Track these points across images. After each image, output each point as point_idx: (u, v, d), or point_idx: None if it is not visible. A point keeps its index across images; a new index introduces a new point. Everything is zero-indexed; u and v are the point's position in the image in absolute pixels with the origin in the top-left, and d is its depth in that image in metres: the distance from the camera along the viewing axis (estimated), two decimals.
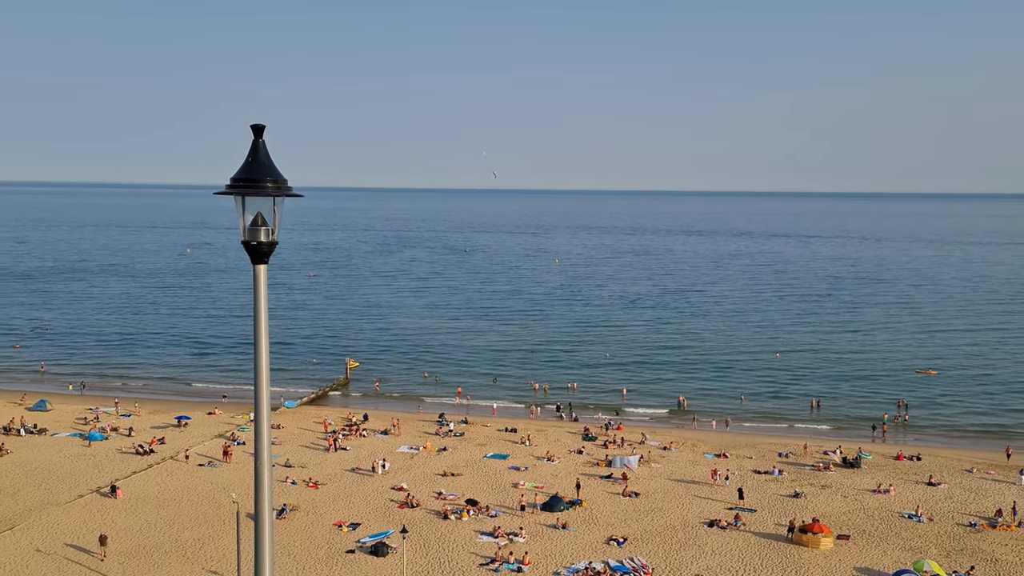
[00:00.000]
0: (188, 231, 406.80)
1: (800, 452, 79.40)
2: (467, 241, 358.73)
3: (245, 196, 10.97)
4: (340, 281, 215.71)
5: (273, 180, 10.99)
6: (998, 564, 55.71)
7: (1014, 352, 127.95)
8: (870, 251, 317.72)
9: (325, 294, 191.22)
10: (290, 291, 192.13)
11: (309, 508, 64.93)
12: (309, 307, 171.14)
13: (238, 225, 11.12)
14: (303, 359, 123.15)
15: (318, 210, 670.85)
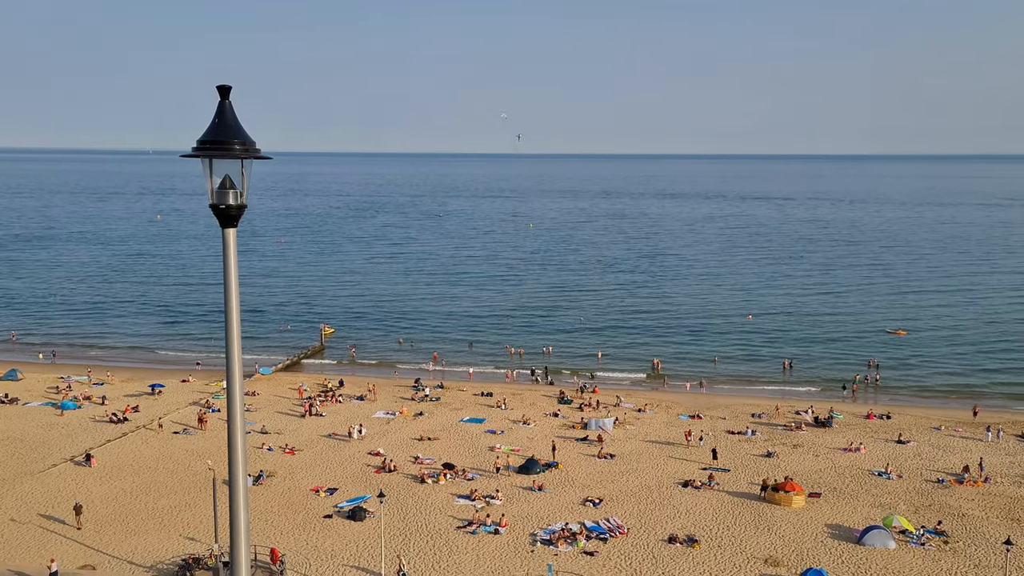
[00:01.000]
0: (158, 197, 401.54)
1: (773, 413, 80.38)
2: (441, 206, 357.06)
3: (212, 159, 10.76)
4: (313, 247, 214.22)
5: (241, 142, 10.76)
6: (965, 519, 56.94)
7: (983, 312, 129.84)
8: (843, 213, 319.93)
9: (298, 260, 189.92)
10: (262, 258, 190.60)
11: (286, 474, 64.96)
12: (282, 274, 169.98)
13: (206, 188, 10.91)
14: (277, 326, 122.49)
15: (289, 175, 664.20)
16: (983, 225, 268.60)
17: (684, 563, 50.78)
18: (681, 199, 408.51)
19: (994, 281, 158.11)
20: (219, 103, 10.79)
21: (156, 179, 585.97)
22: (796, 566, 50.18)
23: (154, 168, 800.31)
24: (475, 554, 52.00)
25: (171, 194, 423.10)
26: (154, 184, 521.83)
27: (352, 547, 52.91)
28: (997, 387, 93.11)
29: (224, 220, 10.92)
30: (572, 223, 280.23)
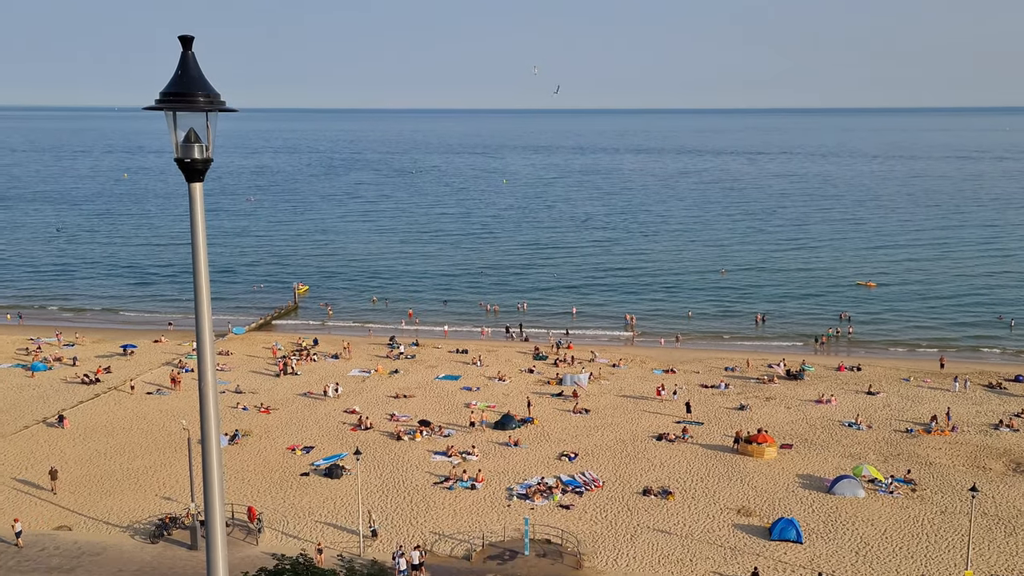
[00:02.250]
0: (125, 155, 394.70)
1: (745, 366, 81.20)
2: (414, 163, 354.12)
3: (176, 111, 10.49)
4: (284, 205, 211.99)
5: (205, 94, 10.46)
6: (932, 467, 58.12)
7: (952, 265, 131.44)
8: (816, 167, 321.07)
9: (269, 219, 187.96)
10: (232, 217, 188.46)
11: (261, 433, 64.89)
12: (253, 233, 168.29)
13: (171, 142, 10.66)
14: (249, 285, 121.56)
15: (259, 132, 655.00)
16: (954, 178, 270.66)
17: (659, 515, 51.52)
18: (654, 154, 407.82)
19: (964, 234, 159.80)
20: (182, 54, 10.46)
21: (123, 136, 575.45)
22: (768, 516, 51.08)
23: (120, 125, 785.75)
24: (452, 509, 52.41)
25: (138, 152, 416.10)
26: (120, 142, 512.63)
27: (329, 504, 53.13)
28: (966, 339, 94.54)
29: (190, 174, 10.74)
30: (546, 179, 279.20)
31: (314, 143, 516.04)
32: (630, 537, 48.95)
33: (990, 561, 45.76)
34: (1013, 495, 53.68)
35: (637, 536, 49.03)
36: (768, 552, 47.09)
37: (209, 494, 10.99)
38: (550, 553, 47.49)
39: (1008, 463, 58.77)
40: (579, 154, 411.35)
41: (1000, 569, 44.75)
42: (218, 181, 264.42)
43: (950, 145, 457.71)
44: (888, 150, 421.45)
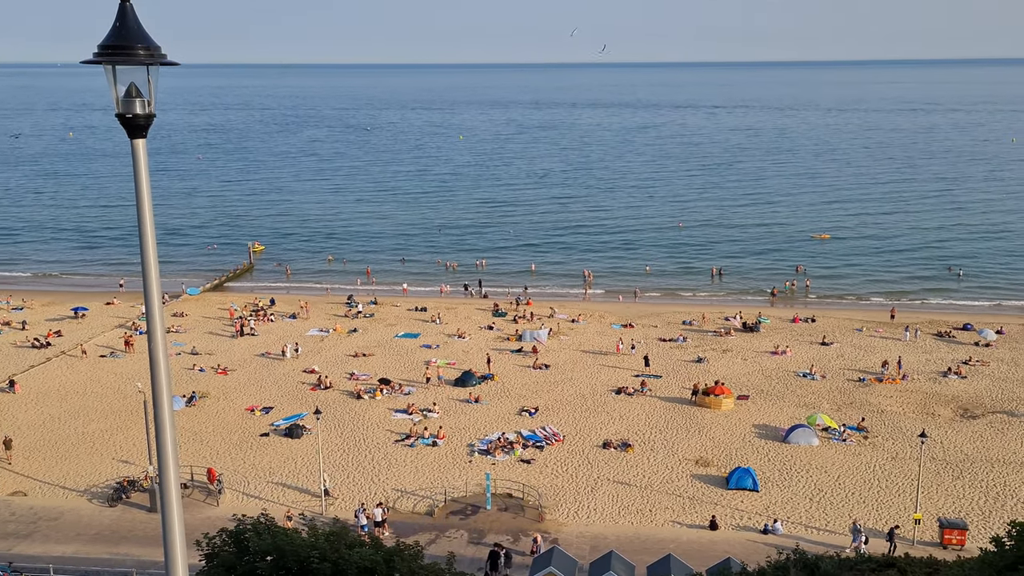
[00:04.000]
0: (70, 113, 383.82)
1: (702, 320, 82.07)
2: (369, 119, 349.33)
3: (116, 65, 10.05)
4: (236, 164, 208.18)
5: (145, 47, 10.03)
6: (884, 414, 59.54)
7: (905, 217, 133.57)
8: (771, 121, 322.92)
9: (221, 178, 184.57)
10: (183, 176, 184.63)
11: (219, 395, 64.29)
12: (205, 192, 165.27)
13: (111, 97, 10.25)
14: (202, 245, 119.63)
15: (209, 88, 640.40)
16: (907, 131, 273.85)
17: (618, 467, 52.20)
18: (612, 109, 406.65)
19: (917, 187, 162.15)
20: (119, 6, 10.00)
21: (67, 94, 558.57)
22: (725, 465, 52.02)
23: (65, 82, 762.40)
24: (414, 467, 52.59)
25: (84, 110, 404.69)
26: (65, 99, 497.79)
27: (290, 464, 52.99)
28: (917, 290, 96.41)
29: (132, 130, 10.38)
30: (503, 135, 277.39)
31: (266, 100, 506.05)
32: (590, 489, 49.58)
33: (938, 504, 47.16)
34: (960, 440, 55.25)
35: (597, 488, 49.67)
36: (725, 501, 48.03)
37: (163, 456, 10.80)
38: (512, 507, 47.96)
39: (956, 409, 60.40)
40: (536, 109, 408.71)
41: (947, 511, 46.16)
42: (167, 139, 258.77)
43: (902, 98, 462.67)
44: (843, 103, 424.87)
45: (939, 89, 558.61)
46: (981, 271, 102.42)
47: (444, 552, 33.95)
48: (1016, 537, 13.49)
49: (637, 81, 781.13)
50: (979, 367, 68.24)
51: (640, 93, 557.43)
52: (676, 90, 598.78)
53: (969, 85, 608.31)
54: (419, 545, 29.18)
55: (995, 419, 58.51)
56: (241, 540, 26.44)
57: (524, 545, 43.95)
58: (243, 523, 27.12)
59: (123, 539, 44.70)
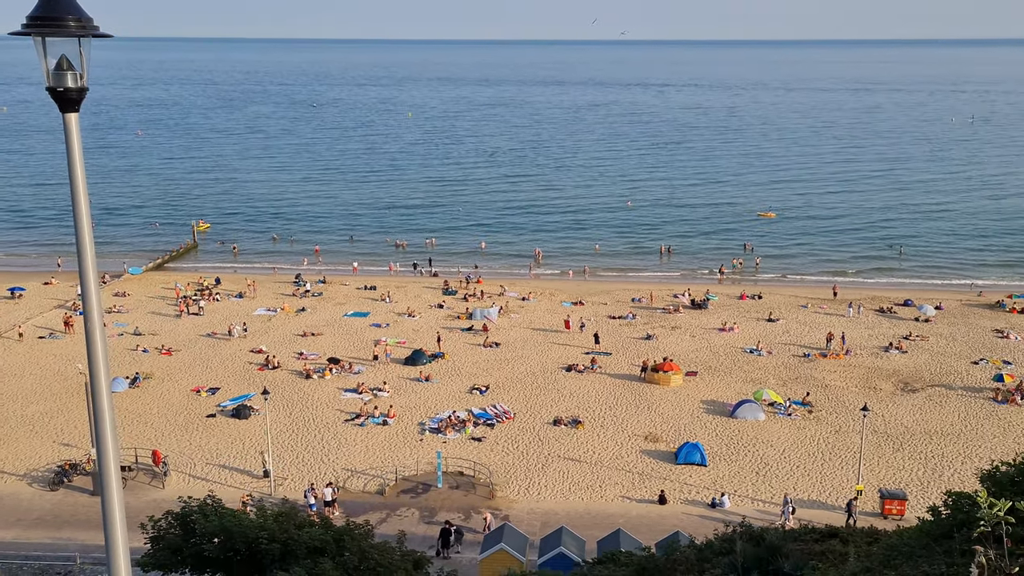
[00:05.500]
0: (3, 88, 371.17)
1: (651, 297, 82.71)
2: (316, 95, 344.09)
3: (45, 36, 9.64)
4: (179, 140, 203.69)
5: (76, 18, 9.62)
6: (828, 389, 60.78)
7: (849, 196, 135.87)
8: (720, 99, 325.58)
9: (163, 154, 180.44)
10: (124, 154, 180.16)
11: (164, 376, 63.11)
12: (146, 169, 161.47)
13: (41, 70, 9.85)
14: (145, 224, 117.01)
15: (149, 62, 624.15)
16: (852, 110, 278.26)
17: (569, 443, 52.53)
18: (563, 86, 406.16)
19: (862, 166, 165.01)
20: None
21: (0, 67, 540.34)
22: (674, 441, 52.67)
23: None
24: (364, 446, 52.31)
25: (18, 84, 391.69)
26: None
27: (238, 445, 52.33)
28: (860, 267, 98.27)
29: (64, 104, 9.98)
30: (453, 112, 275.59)
31: (209, 74, 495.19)
32: (541, 466, 49.84)
33: (879, 475, 48.36)
34: (900, 413, 56.66)
35: (548, 465, 49.94)
36: (674, 476, 48.66)
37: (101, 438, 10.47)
38: (463, 485, 48.00)
39: (896, 383, 61.89)
40: (486, 86, 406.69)
41: (888, 482, 47.35)
42: (105, 115, 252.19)
43: (847, 77, 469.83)
44: (790, 82, 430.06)
45: (882, 69, 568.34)
46: (923, 249, 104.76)
47: (395, 531, 33.81)
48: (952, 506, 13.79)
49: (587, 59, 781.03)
50: (919, 342, 69.94)
51: (589, 71, 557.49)
52: (625, 68, 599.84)
53: (911, 65, 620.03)
54: (369, 524, 29.04)
55: (934, 392, 60.09)
56: (187, 522, 26.09)
57: (475, 522, 44.07)
58: (189, 505, 26.75)
59: (65, 523, 43.78)
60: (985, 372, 63.32)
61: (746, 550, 20.07)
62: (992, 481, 14.47)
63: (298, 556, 24.20)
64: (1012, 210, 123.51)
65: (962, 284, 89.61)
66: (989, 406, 57.52)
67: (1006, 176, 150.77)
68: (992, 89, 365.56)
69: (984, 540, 5.30)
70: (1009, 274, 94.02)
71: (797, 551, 19.83)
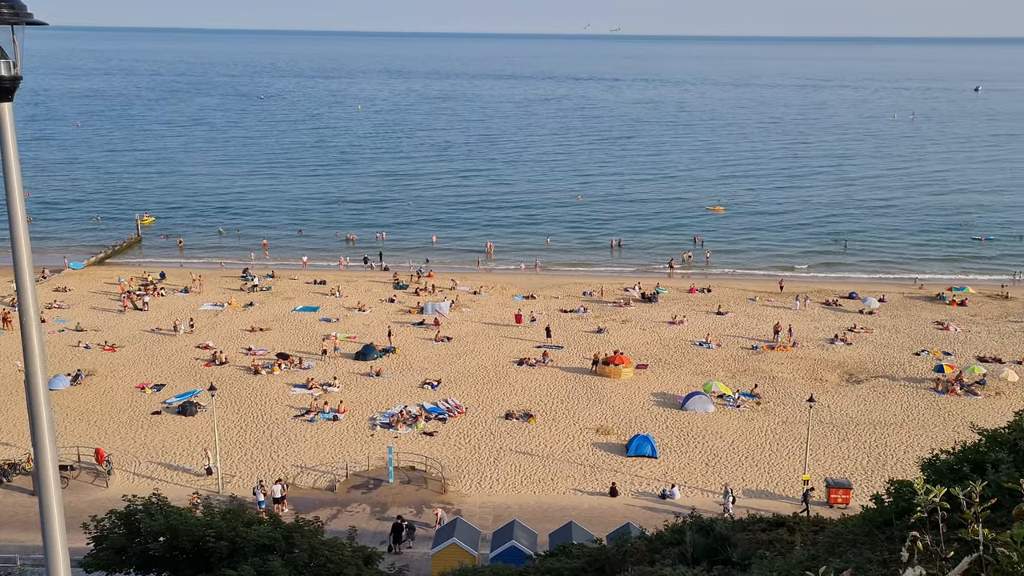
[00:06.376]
0: None
1: (602, 291, 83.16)
2: (264, 87, 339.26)
3: None
4: (122, 132, 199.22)
5: (9, 5, 9.27)
6: (775, 380, 61.75)
7: (797, 191, 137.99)
8: (670, 94, 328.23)
9: (104, 147, 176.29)
10: (63, 146, 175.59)
11: (107, 372, 61.76)
12: (87, 162, 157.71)
13: None
14: (86, 217, 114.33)
15: (90, 52, 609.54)
16: (799, 106, 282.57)
17: (521, 437, 52.61)
18: (514, 80, 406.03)
19: (809, 161, 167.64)
20: None
21: None
22: (625, 433, 53.05)
23: None
24: (314, 441, 51.79)
25: None
26: None
27: (184, 442, 51.45)
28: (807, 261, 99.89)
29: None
30: (404, 105, 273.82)
31: (152, 65, 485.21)
32: (493, 460, 49.84)
33: (825, 465, 49.29)
34: (845, 403, 57.81)
35: (500, 459, 49.96)
36: (625, 468, 49.03)
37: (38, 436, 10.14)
38: (414, 479, 47.81)
39: (841, 374, 63.12)
40: (436, 79, 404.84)
41: (833, 471, 48.28)
42: (42, 106, 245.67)
43: (794, 73, 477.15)
44: (739, 78, 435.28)
45: (828, 65, 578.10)
46: (868, 244, 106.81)
47: (346, 527, 33.54)
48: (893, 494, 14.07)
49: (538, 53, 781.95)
50: (863, 334, 71.38)
51: (542, 65, 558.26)
52: (576, 62, 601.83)
53: (856, 62, 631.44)
54: (319, 521, 28.76)
55: (877, 383, 61.41)
56: (132, 521, 25.56)
57: (427, 517, 43.92)
58: (134, 504, 26.20)
59: (5, 524, 42.64)
60: (926, 363, 64.90)
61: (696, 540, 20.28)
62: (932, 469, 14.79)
63: (246, 554, 23.85)
64: (953, 205, 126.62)
65: (907, 279, 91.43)
66: (930, 396, 58.97)
67: (947, 172, 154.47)
68: (933, 86, 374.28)
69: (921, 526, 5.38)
70: (951, 268, 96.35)
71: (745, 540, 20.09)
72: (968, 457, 14.33)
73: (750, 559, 17.77)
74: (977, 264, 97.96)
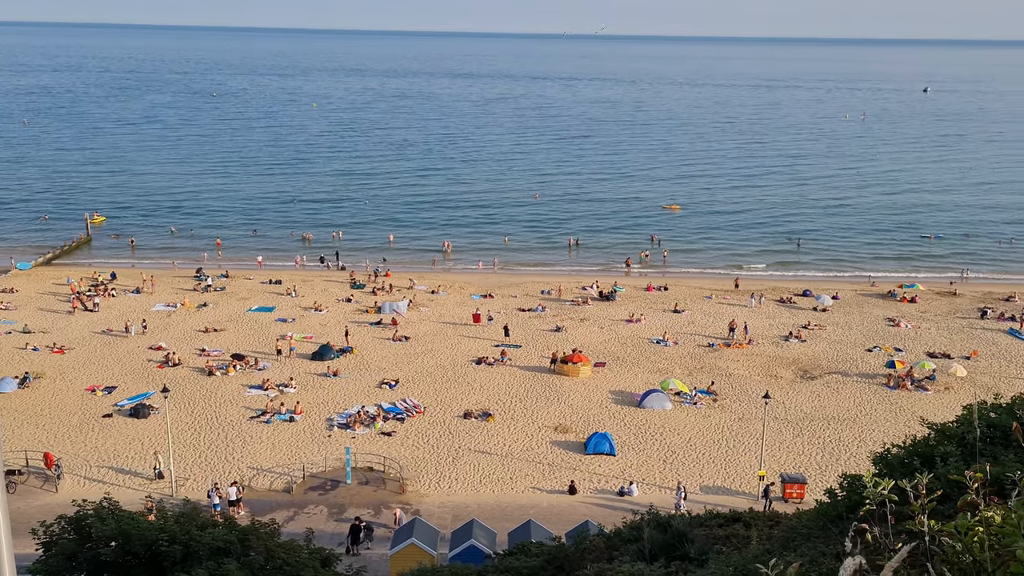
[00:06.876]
0: None
1: (560, 289, 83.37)
2: (216, 85, 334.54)
3: None
4: (71, 130, 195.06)
5: None
6: (731, 377, 62.41)
7: (752, 191, 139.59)
8: (627, 94, 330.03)
9: (53, 145, 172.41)
10: (9, 143, 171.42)
11: (56, 375, 60.44)
12: (34, 160, 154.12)
13: None
14: (34, 217, 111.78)
15: (36, 48, 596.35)
16: (754, 106, 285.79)
17: (479, 436, 52.53)
18: (471, 78, 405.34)
19: (764, 160, 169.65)
20: None
21: None
22: (584, 431, 53.24)
23: None
24: (270, 443, 51.20)
25: None
26: None
27: (136, 445, 50.55)
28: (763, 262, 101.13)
29: None
30: (360, 103, 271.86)
31: (102, 61, 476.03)
32: (452, 460, 49.70)
33: (780, 460, 49.93)
34: (800, 399, 58.63)
35: (459, 458, 49.84)
36: (584, 466, 49.19)
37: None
38: (372, 480, 47.49)
39: (796, 371, 64.01)
40: (393, 77, 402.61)
41: (789, 467, 48.93)
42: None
43: (748, 73, 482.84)
44: (694, 78, 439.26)
45: (781, 66, 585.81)
46: (822, 243, 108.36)
47: (303, 528, 33.15)
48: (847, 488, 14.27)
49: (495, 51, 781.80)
50: (817, 331, 72.46)
51: (499, 63, 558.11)
52: (533, 61, 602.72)
53: (809, 63, 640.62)
54: (276, 523, 28.42)
55: (831, 379, 62.38)
56: (82, 526, 24.99)
57: (385, 518, 43.65)
58: (84, 508, 25.62)
59: None
60: (878, 359, 66.07)
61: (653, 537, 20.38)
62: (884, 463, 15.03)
63: (201, 557, 23.44)
64: (904, 205, 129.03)
65: (859, 276, 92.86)
66: (882, 391, 60.05)
67: (898, 172, 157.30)
68: (883, 87, 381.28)
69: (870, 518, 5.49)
70: (903, 266, 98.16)
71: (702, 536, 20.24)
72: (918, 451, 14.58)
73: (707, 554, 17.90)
74: (927, 262, 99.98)
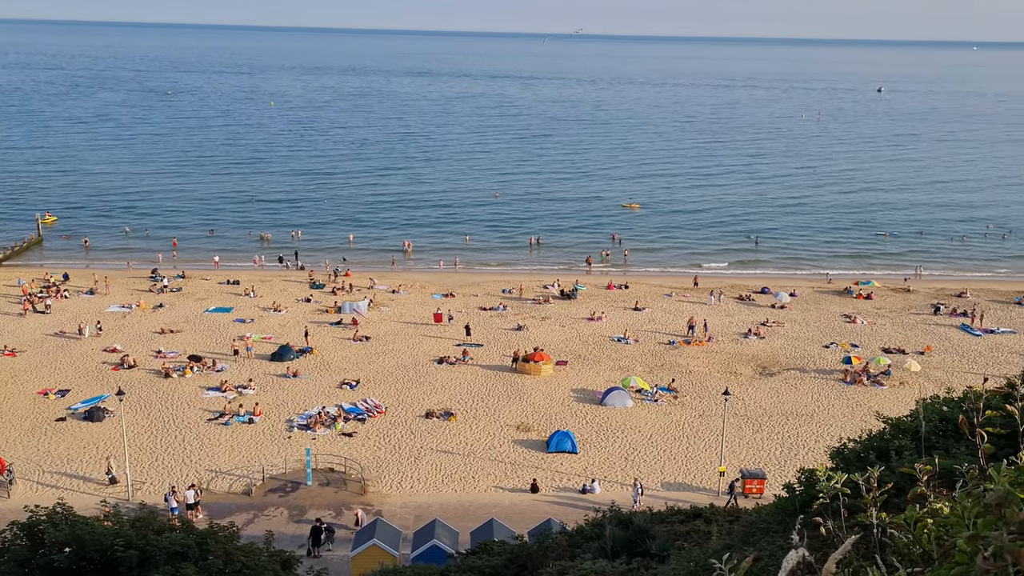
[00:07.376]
0: None
1: (521, 288, 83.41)
2: (171, 83, 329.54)
3: None
4: (21, 128, 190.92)
5: None
6: (692, 374, 62.92)
7: (711, 189, 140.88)
8: (587, 93, 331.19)
9: (4, 144, 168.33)
10: None
11: (7, 378, 59.12)
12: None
13: None
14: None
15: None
16: (712, 105, 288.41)
17: (441, 436, 52.35)
18: (430, 77, 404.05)
19: (722, 160, 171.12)
20: None
21: None
22: (546, 429, 53.30)
23: None
24: (229, 445, 50.55)
25: None
26: None
27: (91, 448, 49.61)
28: (722, 260, 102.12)
29: None
30: (319, 102, 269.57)
31: (53, 59, 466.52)
32: (414, 460, 49.47)
33: (740, 456, 50.44)
34: (759, 396, 59.28)
35: (421, 458, 49.62)
36: (546, 464, 49.25)
37: None
38: (333, 481, 47.10)
39: (755, 368, 64.71)
40: (352, 75, 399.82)
41: (748, 462, 49.45)
42: None
43: (706, 73, 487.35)
44: (653, 77, 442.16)
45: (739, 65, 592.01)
46: (778, 240, 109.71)
47: (263, 531, 32.75)
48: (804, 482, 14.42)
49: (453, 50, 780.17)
50: (775, 328, 73.33)
51: (458, 62, 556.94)
52: (493, 60, 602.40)
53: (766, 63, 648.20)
54: (235, 526, 28.03)
55: (789, 375, 63.17)
56: (35, 532, 24.44)
57: (347, 519, 43.32)
58: (37, 514, 25.06)
59: None
60: (835, 355, 67.05)
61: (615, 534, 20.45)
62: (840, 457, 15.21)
63: (157, 562, 23.04)
64: (859, 203, 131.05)
65: (816, 274, 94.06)
66: (839, 387, 60.95)
67: (854, 171, 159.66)
68: (838, 87, 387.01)
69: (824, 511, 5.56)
70: (858, 263, 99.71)
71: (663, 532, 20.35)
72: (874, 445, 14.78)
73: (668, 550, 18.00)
74: (882, 259, 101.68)
